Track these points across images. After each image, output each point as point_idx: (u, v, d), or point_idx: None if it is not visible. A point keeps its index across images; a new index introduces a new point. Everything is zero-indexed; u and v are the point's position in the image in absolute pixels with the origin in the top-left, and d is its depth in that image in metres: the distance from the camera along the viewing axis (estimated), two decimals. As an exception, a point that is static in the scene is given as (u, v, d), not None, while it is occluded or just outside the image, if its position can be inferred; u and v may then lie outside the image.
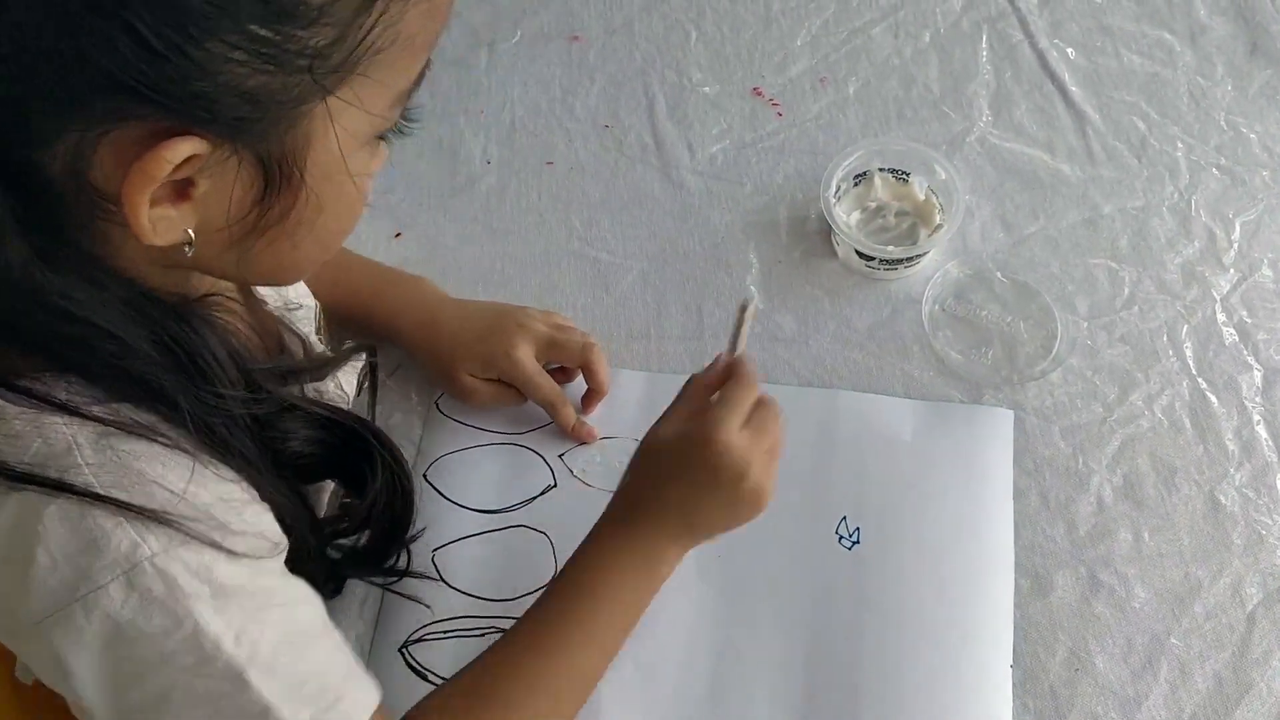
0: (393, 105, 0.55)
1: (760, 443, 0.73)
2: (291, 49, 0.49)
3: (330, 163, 0.54)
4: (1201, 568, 0.82)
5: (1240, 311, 0.93)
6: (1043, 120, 1.04)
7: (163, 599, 0.55)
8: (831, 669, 0.78)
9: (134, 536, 0.55)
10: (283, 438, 0.64)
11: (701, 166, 1.02)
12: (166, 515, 0.55)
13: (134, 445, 0.56)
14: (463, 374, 0.87)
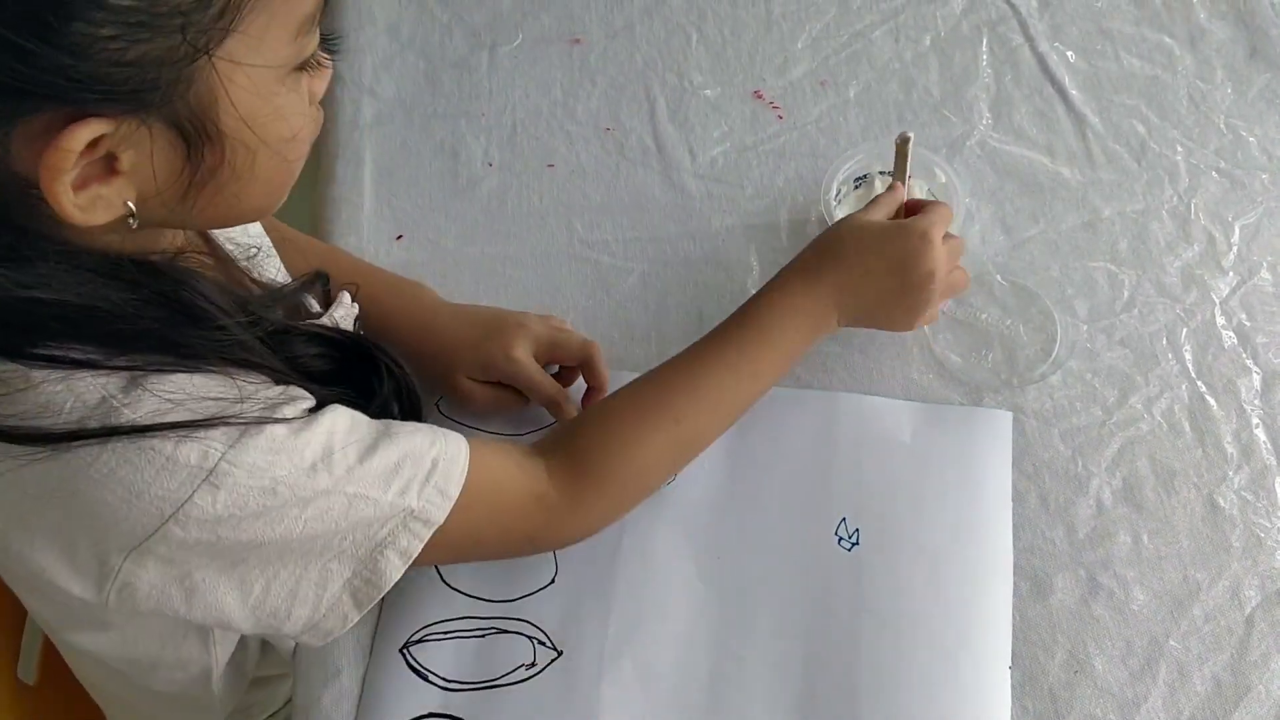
0: (296, 37, 0.56)
1: (951, 260, 0.84)
2: (161, 11, 0.49)
3: (247, 109, 0.55)
4: (1200, 570, 0.83)
5: (1239, 314, 0.93)
6: (1043, 123, 1.04)
7: (250, 483, 0.59)
8: (830, 670, 0.78)
9: (199, 446, 0.57)
10: (294, 355, 0.66)
11: (702, 169, 1.03)
12: (218, 418, 0.58)
13: (163, 380, 0.58)
14: (462, 378, 0.87)
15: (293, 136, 0.59)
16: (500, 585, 0.82)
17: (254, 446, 0.59)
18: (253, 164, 0.58)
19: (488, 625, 0.81)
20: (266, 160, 0.59)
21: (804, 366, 0.91)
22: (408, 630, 0.80)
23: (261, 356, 0.63)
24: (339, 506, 0.63)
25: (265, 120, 0.57)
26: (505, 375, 0.87)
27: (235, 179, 0.58)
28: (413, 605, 0.81)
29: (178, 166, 0.55)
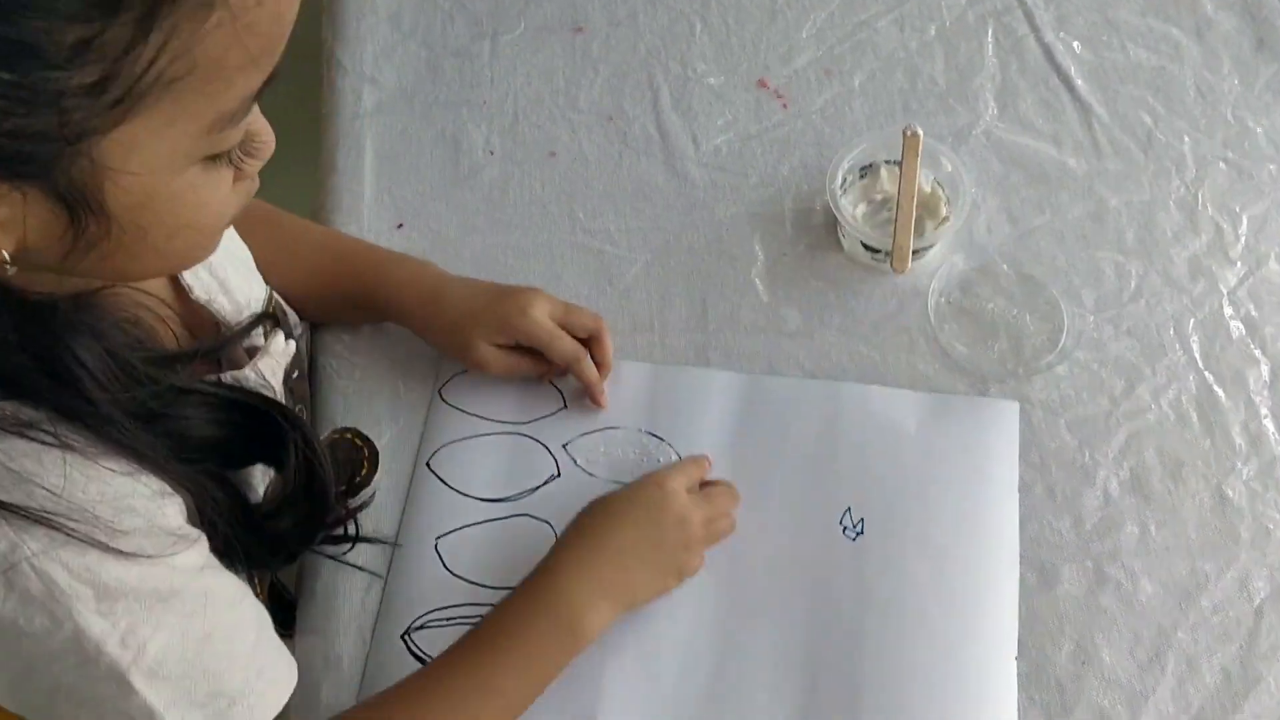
0: (211, 130, 0.52)
1: (704, 505, 0.80)
2: (46, 90, 0.46)
3: (139, 195, 0.52)
4: (1208, 562, 0.82)
5: (1247, 305, 0.93)
6: (1049, 114, 1.03)
7: (42, 599, 0.55)
8: (833, 661, 0.78)
9: (12, 537, 0.54)
10: (182, 424, 0.62)
11: (706, 158, 1.02)
12: (45, 515, 0.54)
13: (11, 444, 0.55)
14: (478, 340, 0.85)
15: (190, 222, 0.56)
16: (502, 572, 0.81)
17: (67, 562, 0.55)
18: (142, 242, 0.54)
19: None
20: (159, 240, 0.55)
21: (808, 356, 0.91)
22: (409, 616, 0.80)
23: (123, 434, 0.58)
24: (115, 691, 0.58)
25: (157, 208, 0.53)
26: (524, 334, 0.85)
27: (122, 251, 0.54)
28: (414, 592, 0.81)
29: (57, 231, 0.52)
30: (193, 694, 0.60)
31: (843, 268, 0.95)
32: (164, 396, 0.60)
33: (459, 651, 0.73)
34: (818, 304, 0.94)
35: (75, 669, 0.57)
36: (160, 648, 0.58)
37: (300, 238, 0.91)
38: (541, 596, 0.74)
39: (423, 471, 0.86)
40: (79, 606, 0.56)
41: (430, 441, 0.87)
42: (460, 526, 0.83)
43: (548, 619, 0.74)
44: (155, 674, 0.58)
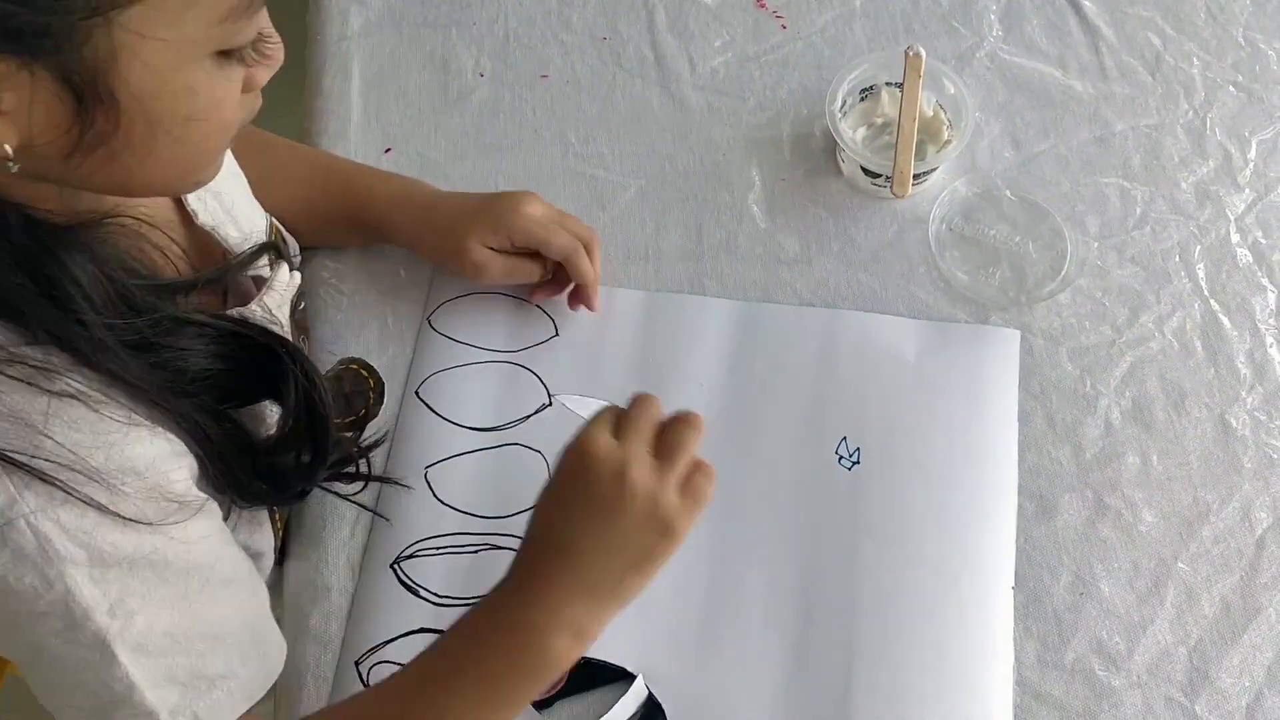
0: (222, 21, 0.51)
1: (669, 469, 0.64)
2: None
3: (150, 83, 0.51)
4: (1210, 492, 0.81)
5: (1255, 232, 0.91)
6: (1054, 35, 1.00)
7: (34, 558, 0.54)
8: (829, 590, 0.77)
9: (11, 491, 0.53)
10: (179, 355, 0.60)
11: (702, 81, 0.99)
12: (48, 473, 0.53)
13: (20, 395, 0.54)
14: (474, 243, 0.83)
15: (202, 119, 0.55)
16: (494, 501, 0.80)
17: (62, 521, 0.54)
18: (151, 139, 0.53)
19: (481, 541, 0.79)
20: (167, 142, 0.54)
21: (806, 284, 0.89)
22: (399, 545, 0.79)
23: (118, 364, 0.56)
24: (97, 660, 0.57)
25: (169, 98, 0.52)
26: (519, 230, 0.83)
27: (129, 150, 0.53)
28: (404, 521, 0.80)
29: (63, 123, 0.50)
30: (174, 671, 0.59)
31: (842, 193, 0.93)
32: (160, 326, 0.59)
33: (408, 680, 0.65)
34: (816, 231, 0.92)
35: (61, 633, 0.56)
36: (147, 621, 0.58)
37: (289, 158, 0.89)
38: (503, 625, 0.64)
39: (412, 400, 0.84)
40: (71, 570, 0.55)
41: (419, 370, 0.86)
42: (450, 456, 0.82)
43: (511, 651, 0.63)
44: (140, 647, 0.58)
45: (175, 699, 0.60)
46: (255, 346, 0.65)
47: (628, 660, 0.75)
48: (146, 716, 0.59)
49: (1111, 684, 0.75)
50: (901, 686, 0.74)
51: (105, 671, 0.57)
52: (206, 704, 0.61)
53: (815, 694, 0.74)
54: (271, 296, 0.72)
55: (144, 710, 0.59)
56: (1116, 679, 0.75)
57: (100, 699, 0.58)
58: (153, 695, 0.59)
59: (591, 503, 0.63)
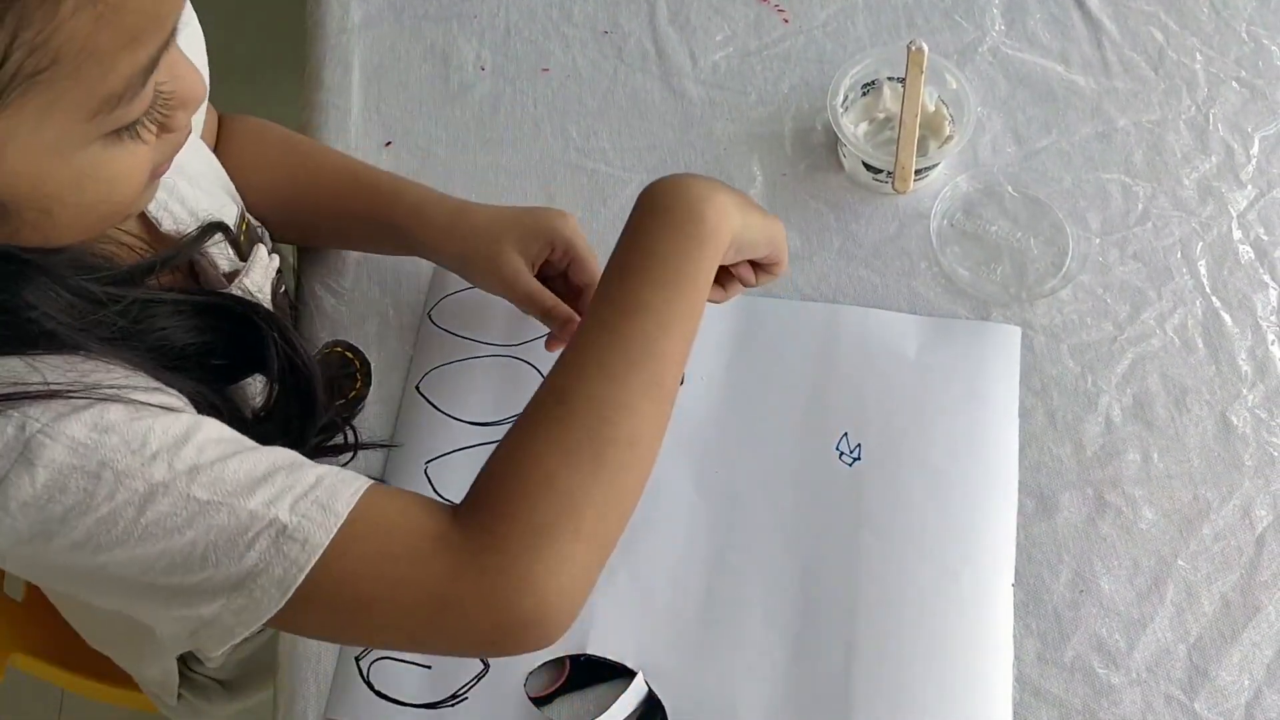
0: (99, 112, 0.49)
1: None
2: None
3: (32, 178, 0.49)
4: (1211, 489, 0.81)
5: (1257, 229, 0.90)
6: (1057, 30, 1.00)
7: (70, 461, 0.52)
8: (829, 587, 0.77)
9: (16, 417, 0.52)
10: (159, 336, 0.59)
11: (704, 75, 0.99)
12: (49, 388, 0.52)
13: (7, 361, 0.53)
14: (509, 249, 0.80)
15: (101, 201, 0.53)
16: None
17: (79, 420, 0.53)
18: (49, 220, 0.52)
19: (480, 537, 0.79)
20: (67, 216, 0.53)
21: (807, 279, 0.89)
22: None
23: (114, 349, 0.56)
24: (183, 512, 0.54)
25: (60, 189, 0.51)
26: (562, 239, 0.80)
27: (33, 229, 0.52)
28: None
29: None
30: (271, 481, 0.56)
31: (843, 189, 0.93)
32: (130, 312, 0.58)
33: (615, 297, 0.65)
34: (817, 226, 0.91)
35: (138, 517, 0.53)
36: (212, 459, 0.55)
37: (320, 163, 0.88)
38: (646, 208, 0.67)
39: (412, 395, 0.84)
40: (109, 454, 0.53)
41: (420, 365, 0.86)
42: (450, 450, 0.82)
43: (660, 218, 0.66)
44: (218, 482, 0.54)
45: (288, 500, 0.55)
46: (233, 316, 0.64)
47: (628, 657, 0.75)
48: (271, 529, 0.55)
49: (1111, 682, 0.75)
50: (901, 684, 0.74)
51: (202, 518, 0.54)
52: (323, 491, 0.56)
53: (815, 690, 0.74)
54: (251, 278, 0.71)
55: (264, 523, 0.54)
56: (1116, 677, 0.75)
57: (219, 552, 0.54)
58: (259, 505, 0.55)
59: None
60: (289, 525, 0.55)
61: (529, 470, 0.60)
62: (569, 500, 0.59)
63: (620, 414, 0.62)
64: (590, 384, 0.62)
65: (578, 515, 0.59)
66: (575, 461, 0.60)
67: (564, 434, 0.60)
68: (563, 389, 0.62)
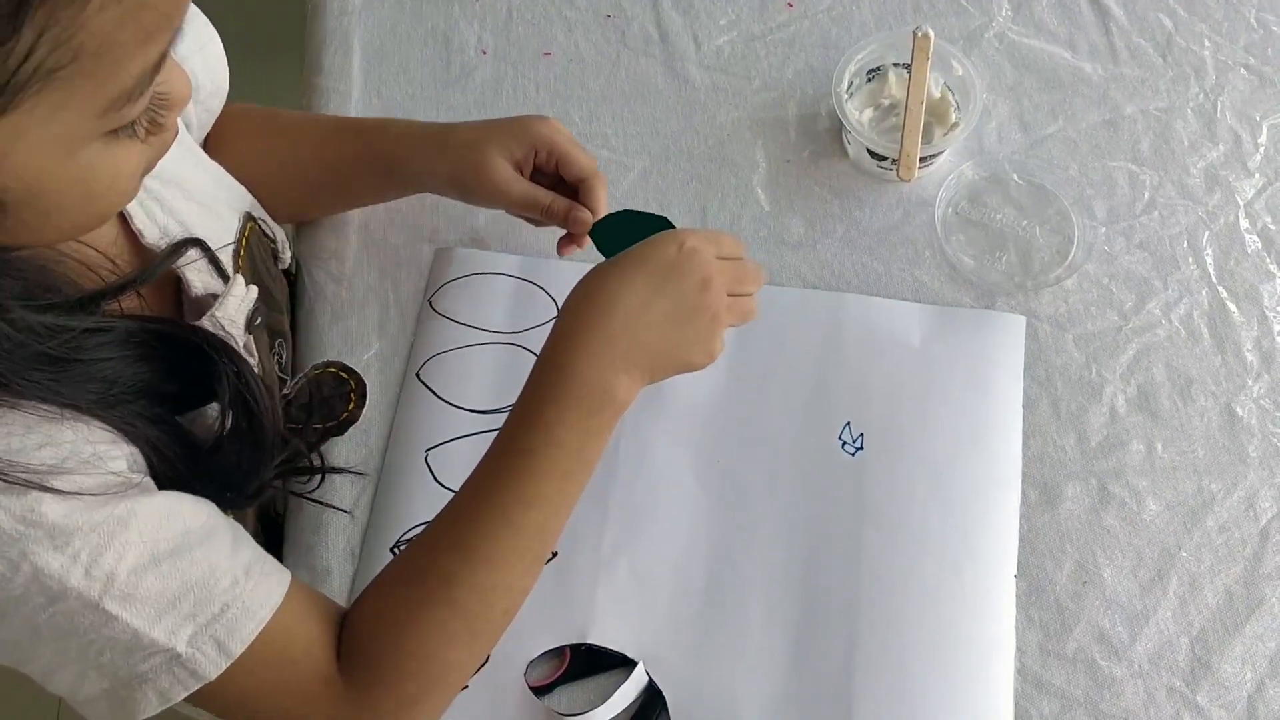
0: (107, 111, 0.49)
1: (728, 269, 0.71)
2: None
3: (34, 177, 0.50)
4: (1215, 481, 0.80)
5: (1264, 218, 0.90)
6: (1064, 16, 0.99)
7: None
8: (831, 577, 0.77)
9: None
10: (103, 366, 0.58)
11: (708, 60, 0.98)
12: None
13: None
14: (495, 158, 0.80)
15: (99, 195, 0.54)
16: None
17: (7, 508, 0.53)
18: (44, 219, 0.52)
19: (481, 526, 0.78)
20: (63, 215, 0.53)
21: (810, 267, 0.88)
22: (400, 528, 0.78)
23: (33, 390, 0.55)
24: (88, 619, 0.56)
25: (58, 188, 0.51)
26: (544, 141, 0.80)
27: (24, 227, 0.52)
28: (404, 504, 0.79)
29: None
30: (178, 606, 0.58)
31: (847, 176, 0.92)
32: (69, 343, 0.56)
33: (491, 469, 0.67)
34: (821, 213, 0.91)
35: (45, 608, 0.55)
36: (129, 570, 0.56)
37: (301, 123, 0.89)
38: (560, 390, 0.67)
39: (412, 383, 0.84)
40: (32, 546, 0.54)
41: (420, 352, 0.85)
42: (451, 438, 0.82)
43: (572, 411, 0.66)
44: (130, 596, 0.57)
45: (189, 630, 0.58)
46: (182, 345, 0.63)
47: (628, 647, 0.75)
48: (165, 654, 0.58)
49: (1113, 673, 0.75)
50: (903, 675, 0.74)
51: (105, 628, 0.56)
52: (224, 625, 0.59)
53: (816, 679, 0.74)
54: (224, 311, 0.68)
55: (160, 649, 0.58)
56: (1118, 668, 0.75)
57: (114, 652, 0.57)
58: (162, 634, 0.57)
59: (650, 265, 0.69)
60: (183, 655, 0.58)
61: (410, 646, 0.65)
62: (443, 674, 0.66)
63: (501, 594, 0.67)
64: (478, 572, 0.65)
65: (447, 685, 0.67)
66: (455, 641, 0.65)
67: (449, 617, 0.65)
68: (451, 574, 0.65)
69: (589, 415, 0.67)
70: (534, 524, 0.67)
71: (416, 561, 0.67)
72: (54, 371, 0.55)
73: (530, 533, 0.67)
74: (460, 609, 0.65)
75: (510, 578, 0.67)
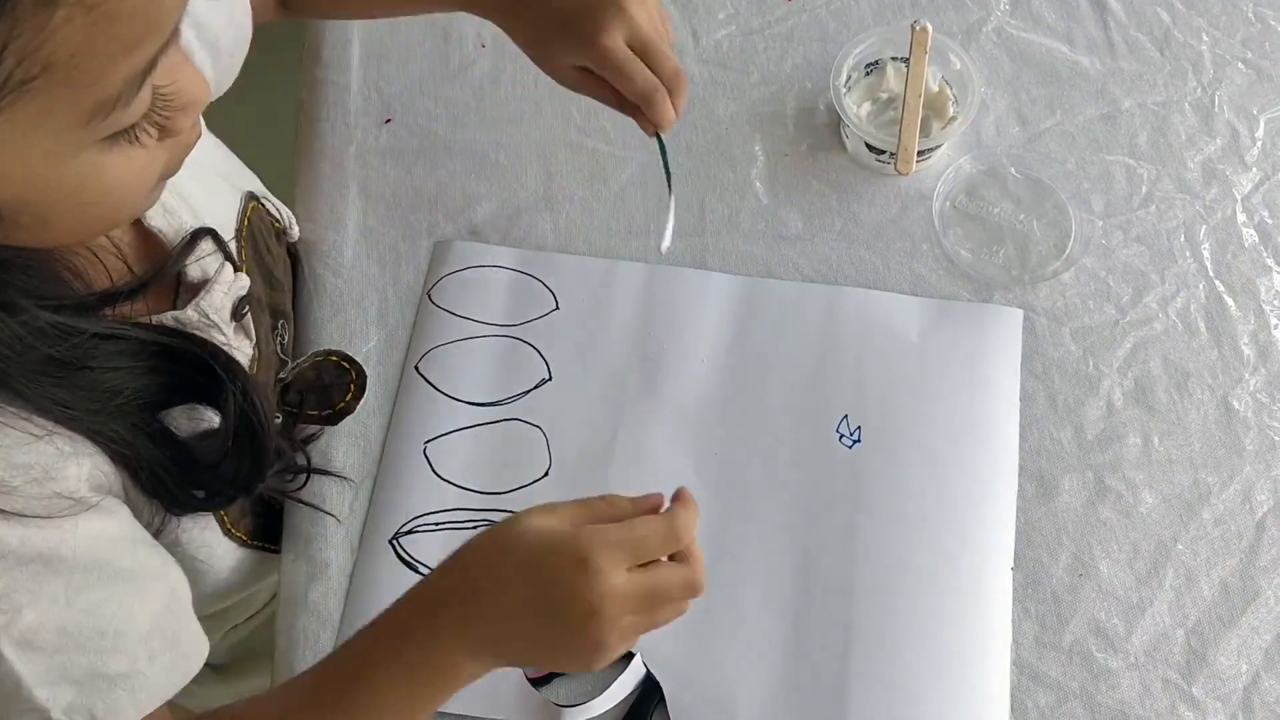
0: (93, 118, 0.48)
1: (634, 593, 0.60)
2: None
3: (25, 184, 0.49)
4: (1212, 474, 0.81)
5: (1261, 212, 0.90)
6: (1062, 10, 0.99)
7: None
8: (828, 569, 0.77)
9: None
10: (109, 376, 0.58)
11: (706, 54, 0.98)
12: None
13: None
14: (560, 64, 0.79)
15: (98, 202, 0.52)
16: (492, 477, 0.80)
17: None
18: (45, 225, 0.51)
19: (479, 517, 0.79)
20: (63, 221, 0.52)
21: (808, 261, 0.88)
22: (397, 521, 0.79)
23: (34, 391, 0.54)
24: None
25: (56, 193, 0.50)
26: (595, 62, 0.77)
27: (26, 233, 0.51)
28: (403, 496, 0.80)
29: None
30: (68, 669, 0.57)
31: (845, 170, 0.92)
32: (80, 347, 0.56)
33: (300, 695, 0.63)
34: (819, 207, 0.91)
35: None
36: (37, 617, 0.55)
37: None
38: (396, 642, 0.62)
39: (411, 375, 0.84)
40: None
41: (419, 345, 0.85)
42: (449, 431, 0.82)
43: (403, 668, 0.61)
44: (27, 643, 0.55)
45: (69, 697, 0.57)
46: (191, 359, 0.62)
47: (626, 638, 0.75)
48: (37, 714, 0.56)
49: (1109, 665, 0.75)
50: (899, 666, 0.74)
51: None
52: (105, 703, 0.58)
53: (813, 672, 0.74)
54: (209, 300, 0.67)
55: (34, 708, 0.56)
56: (1114, 660, 0.75)
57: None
58: (43, 693, 0.56)
59: (543, 572, 0.59)
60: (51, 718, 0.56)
61: None
62: None
63: None
64: None
65: None
66: None
67: None
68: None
69: (423, 685, 0.62)
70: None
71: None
72: (60, 377, 0.55)
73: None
74: None
75: None
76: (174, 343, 0.62)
